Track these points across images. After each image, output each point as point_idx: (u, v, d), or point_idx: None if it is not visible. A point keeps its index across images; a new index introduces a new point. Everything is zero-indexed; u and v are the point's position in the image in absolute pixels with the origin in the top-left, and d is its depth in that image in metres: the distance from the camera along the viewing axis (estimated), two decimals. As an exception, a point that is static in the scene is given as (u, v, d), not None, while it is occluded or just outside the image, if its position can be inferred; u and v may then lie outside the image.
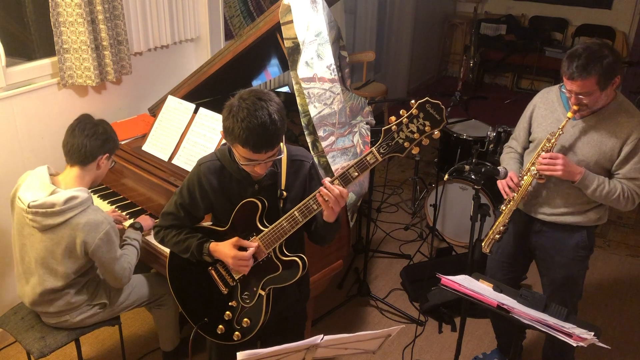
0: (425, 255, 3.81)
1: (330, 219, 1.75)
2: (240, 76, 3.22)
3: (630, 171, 2.14)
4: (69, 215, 2.11)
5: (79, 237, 2.12)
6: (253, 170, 1.75)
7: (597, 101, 2.09)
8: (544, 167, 2.16)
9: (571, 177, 2.14)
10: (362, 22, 5.68)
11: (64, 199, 2.09)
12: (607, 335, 3.12)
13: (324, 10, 2.55)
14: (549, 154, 2.15)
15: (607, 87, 2.05)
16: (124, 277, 2.28)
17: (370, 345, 1.81)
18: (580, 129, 2.19)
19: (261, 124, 1.61)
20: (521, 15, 7.12)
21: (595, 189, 2.14)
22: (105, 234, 2.15)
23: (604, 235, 4.13)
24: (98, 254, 2.16)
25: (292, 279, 1.82)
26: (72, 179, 2.21)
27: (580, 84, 2.03)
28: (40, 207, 2.09)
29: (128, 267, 2.29)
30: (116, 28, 2.90)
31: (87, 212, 2.14)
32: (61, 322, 2.32)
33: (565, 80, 2.08)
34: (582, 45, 2.05)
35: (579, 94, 2.06)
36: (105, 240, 2.15)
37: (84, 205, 2.14)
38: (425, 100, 1.55)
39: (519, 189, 2.25)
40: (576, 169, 2.14)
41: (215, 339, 1.96)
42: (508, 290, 1.91)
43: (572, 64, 2.02)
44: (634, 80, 6.22)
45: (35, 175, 2.20)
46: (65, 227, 2.12)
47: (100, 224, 2.14)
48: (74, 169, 2.21)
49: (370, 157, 1.63)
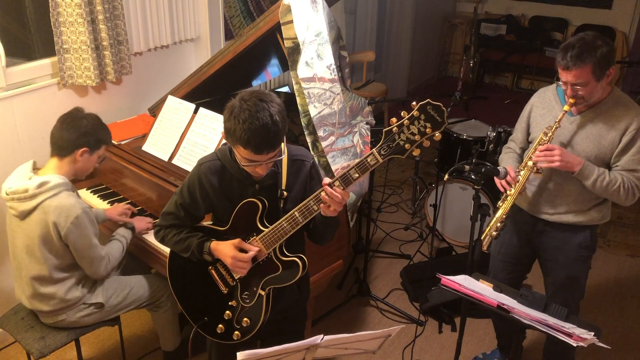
0: (425, 255, 3.81)
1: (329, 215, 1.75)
2: (240, 76, 3.22)
3: (629, 162, 2.13)
4: (41, 199, 2.12)
5: (50, 220, 2.12)
6: (254, 170, 1.75)
7: (593, 93, 2.08)
8: (541, 159, 2.14)
9: (570, 168, 2.12)
10: (362, 22, 5.68)
11: (36, 183, 2.12)
12: (607, 335, 3.12)
13: (324, 10, 2.56)
14: (546, 146, 2.14)
15: (603, 78, 2.05)
16: (99, 267, 2.25)
17: (370, 345, 1.81)
18: (578, 124, 2.18)
19: (263, 125, 1.61)
20: (521, 15, 7.12)
21: (595, 180, 2.12)
22: (77, 217, 2.13)
23: (604, 235, 4.13)
24: (71, 238, 2.15)
25: (292, 279, 1.82)
26: (51, 169, 2.22)
27: (575, 73, 2.03)
28: (14, 193, 2.14)
29: (107, 258, 2.27)
30: (116, 28, 2.90)
31: (59, 196, 2.14)
32: (58, 322, 2.32)
33: (561, 72, 2.08)
34: (576, 37, 2.05)
35: (574, 85, 2.06)
36: (76, 224, 2.13)
37: (56, 189, 2.14)
38: (426, 102, 1.55)
39: (516, 183, 2.25)
40: (575, 159, 2.12)
41: (215, 339, 1.96)
42: (508, 290, 1.91)
43: (567, 54, 2.02)
44: (634, 80, 6.22)
45: (20, 168, 2.26)
46: (38, 211, 2.14)
47: (72, 207, 2.13)
48: (53, 160, 2.24)
49: (371, 159, 1.63)
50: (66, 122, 2.21)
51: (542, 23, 6.91)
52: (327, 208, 1.69)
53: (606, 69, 2.03)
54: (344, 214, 2.55)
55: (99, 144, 2.29)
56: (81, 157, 2.24)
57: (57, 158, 2.23)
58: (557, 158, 2.10)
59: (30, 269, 2.23)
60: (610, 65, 2.04)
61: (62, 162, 2.23)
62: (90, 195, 2.86)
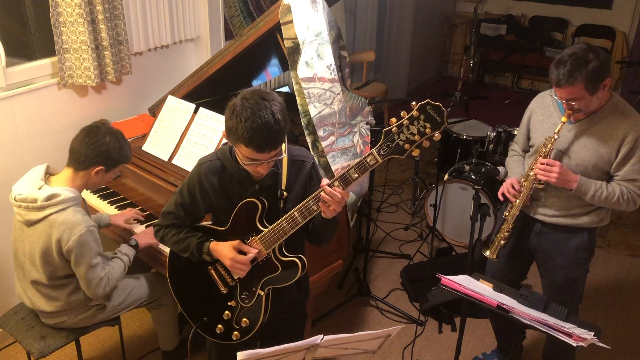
0: (425, 255, 3.81)
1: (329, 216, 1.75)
2: (240, 76, 3.22)
3: (628, 173, 2.13)
4: (48, 212, 2.11)
5: (54, 235, 2.11)
6: (255, 170, 1.74)
7: (589, 104, 2.08)
8: (540, 173, 2.16)
9: (567, 185, 2.15)
10: (362, 22, 5.68)
11: (46, 195, 2.10)
12: (607, 335, 3.12)
13: (324, 10, 2.56)
14: (547, 160, 2.15)
15: (597, 91, 2.04)
16: (97, 287, 2.19)
17: (370, 345, 1.81)
18: (577, 133, 2.18)
19: (265, 124, 1.61)
20: (521, 15, 7.12)
21: (593, 195, 2.15)
22: (80, 236, 2.10)
23: (604, 235, 4.13)
24: (72, 255, 2.12)
25: (291, 280, 1.82)
26: (64, 179, 2.21)
27: (567, 90, 2.03)
28: (23, 201, 2.12)
29: (105, 279, 2.21)
30: (116, 28, 2.90)
31: (66, 211, 2.11)
32: (59, 323, 2.32)
33: (554, 87, 2.08)
34: (569, 51, 2.04)
35: (568, 100, 2.06)
36: (78, 242, 2.10)
37: (65, 204, 2.12)
38: (426, 102, 1.55)
39: (520, 195, 2.25)
40: (572, 177, 2.13)
41: (214, 339, 1.96)
42: (508, 290, 1.91)
43: (559, 71, 2.01)
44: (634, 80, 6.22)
45: (33, 172, 2.23)
46: (44, 224, 2.12)
47: (77, 225, 2.10)
48: (68, 170, 2.22)
49: (370, 159, 1.63)
50: (88, 137, 2.17)
51: (542, 23, 6.91)
52: (327, 208, 1.69)
53: (600, 82, 2.02)
54: (344, 214, 2.55)
55: (116, 164, 2.27)
56: (96, 175, 2.22)
57: (73, 170, 2.20)
58: (554, 175, 2.12)
59: (32, 274, 2.23)
60: (604, 77, 2.02)
61: (76, 175, 2.20)
62: (90, 196, 2.86)
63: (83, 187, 2.25)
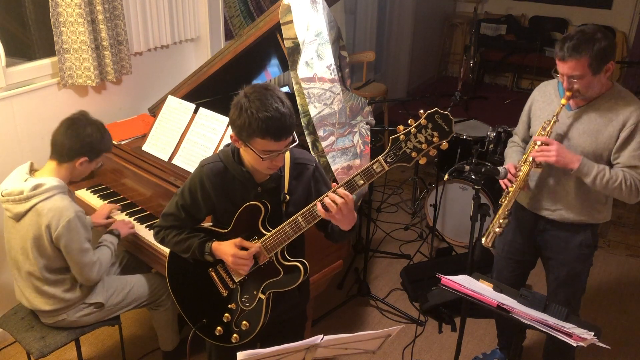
0: (425, 255, 3.81)
1: (346, 227, 1.74)
2: (240, 76, 3.21)
3: (629, 159, 2.10)
4: (35, 201, 2.12)
5: (43, 223, 2.12)
6: (272, 164, 1.72)
7: (590, 86, 2.07)
8: (537, 154, 2.14)
9: (568, 165, 2.11)
10: (362, 22, 5.68)
11: (31, 185, 2.12)
12: (607, 335, 3.12)
13: (324, 10, 2.56)
14: (543, 138, 2.13)
15: (600, 72, 2.03)
16: (91, 271, 2.23)
17: (370, 345, 1.80)
18: (577, 119, 2.17)
19: (276, 110, 1.61)
20: (521, 15, 7.12)
21: (595, 177, 2.10)
22: (69, 221, 2.12)
23: (604, 235, 4.13)
24: (62, 241, 2.14)
25: (293, 284, 1.80)
26: (48, 172, 2.22)
27: (570, 64, 2.01)
28: (10, 195, 2.14)
29: (98, 263, 2.25)
30: (116, 28, 2.90)
31: (52, 199, 2.13)
32: (58, 322, 2.32)
33: (558, 63, 2.07)
34: (577, 29, 2.04)
35: (570, 77, 2.05)
36: (67, 227, 2.12)
37: (51, 192, 2.14)
38: (434, 111, 1.54)
39: (516, 179, 2.24)
40: (573, 156, 2.10)
41: (213, 341, 1.95)
42: (508, 290, 1.91)
43: (564, 45, 2.01)
44: (634, 80, 6.22)
45: (17, 170, 2.25)
46: (32, 214, 2.14)
47: (65, 210, 2.12)
48: (52, 163, 2.23)
49: (377, 166, 1.62)
50: (70, 129, 2.19)
51: (542, 23, 6.91)
52: (332, 216, 1.67)
53: (604, 63, 2.02)
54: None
55: (99, 154, 2.29)
56: (80, 166, 2.24)
57: (56, 162, 2.22)
58: (553, 153, 2.09)
59: (26, 266, 2.24)
60: (608, 59, 2.02)
61: (60, 167, 2.22)
62: (90, 195, 2.86)
63: (68, 178, 2.26)
